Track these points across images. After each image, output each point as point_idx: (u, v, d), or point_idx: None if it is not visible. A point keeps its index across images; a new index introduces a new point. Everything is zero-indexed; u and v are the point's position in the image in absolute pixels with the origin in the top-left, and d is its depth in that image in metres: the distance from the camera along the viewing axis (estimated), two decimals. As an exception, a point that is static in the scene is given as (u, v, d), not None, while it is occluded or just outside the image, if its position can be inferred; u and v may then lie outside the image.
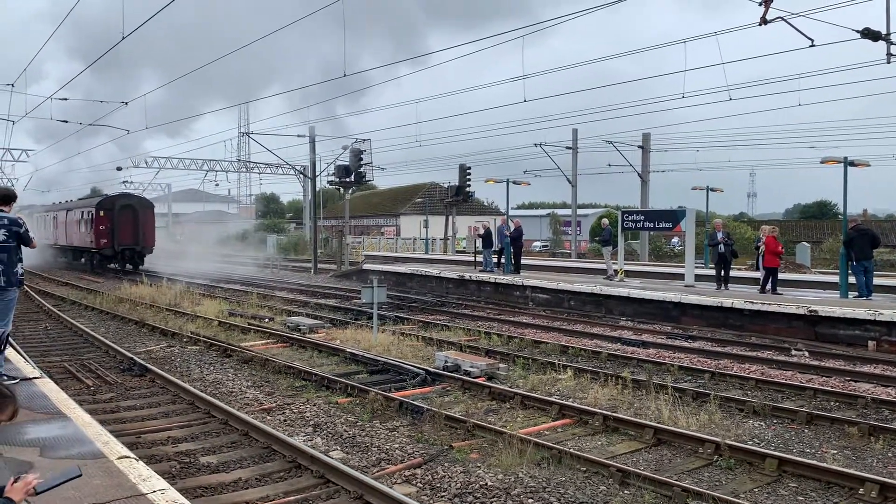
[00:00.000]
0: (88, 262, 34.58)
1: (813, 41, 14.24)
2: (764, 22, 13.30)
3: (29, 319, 16.96)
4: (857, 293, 15.60)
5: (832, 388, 10.00)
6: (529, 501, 5.98)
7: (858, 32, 13.85)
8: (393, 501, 5.59)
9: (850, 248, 15.88)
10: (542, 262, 31.42)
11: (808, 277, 21.81)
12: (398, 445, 7.47)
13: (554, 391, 9.91)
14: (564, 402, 9.00)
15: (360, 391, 9.44)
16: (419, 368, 10.67)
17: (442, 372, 10.71)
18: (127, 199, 34.74)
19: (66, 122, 30.24)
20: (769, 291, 16.54)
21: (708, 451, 7.11)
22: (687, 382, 10.41)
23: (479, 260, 25.22)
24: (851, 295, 15.84)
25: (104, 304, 20.03)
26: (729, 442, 7.14)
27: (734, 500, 5.85)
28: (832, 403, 9.33)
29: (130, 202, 34.21)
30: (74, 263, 37.08)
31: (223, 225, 64.09)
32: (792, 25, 13.83)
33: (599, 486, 6.36)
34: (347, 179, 33.96)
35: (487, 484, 6.30)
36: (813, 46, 14.32)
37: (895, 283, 19.14)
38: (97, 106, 29.41)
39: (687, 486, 6.10)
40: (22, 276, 7.07)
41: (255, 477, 6.42)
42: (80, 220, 34.86)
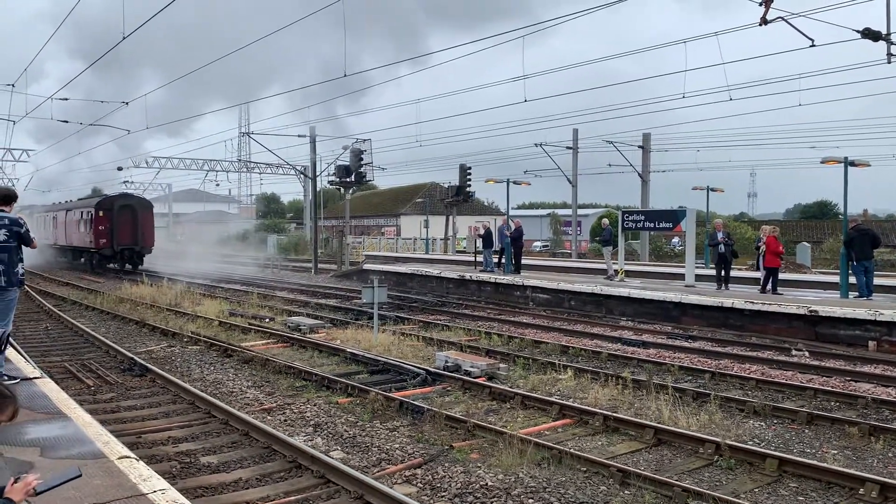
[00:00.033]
0: (88, 262, 34.61)
1: (813, 41, 14.24)
2: (764, 22, 13.29)
3: (29, 319, 16.97)
4: (857, 293, 15.59)
5: (832, 388, 10.00)
6: (530, 501, 5.98)
7: (859, 32, 13.85)
8: (393, 501, 5.60)
9: (850, 248, 15.88)
10: (542, 262, 31.41)
11: (808, 277, 21.80)
12: (398, 445, 7.47)
13: (554, 391, 9.91)
14: (565, 402, 9.00)
15: (360, 391, 9.44)
16: (419, 368, 10.67)
17: (442, 372, 10.71)
18: (126, 199, 34.79)
19: (66, 122, 30.27)
20: (769, 291, 16.53)
21: (708, 451, 7.11)
22: (687, 382, 10.41)
23: (479, 260, 25.22)
24: (852, 295, 15.83)
25: (105, 304, 20.04)
26: (729, 442, 7.14)
27: (734, 500, 5.85)
28: (832, 403, 9.32)
29: (130, 202, 34.26)
30: (75, 263, 37.10)
31: (223, 225, 64.12)
32: (792, 25, 13.83)
33: (600, 486, 6.36)
34: (348, 179, 33.96)
35: (488, 484, 6.30)
36: (813, 46, 14.32)
37: (895, 283, 19.12)
38: (98, 106, 29.43)
39: (687, 486, 6.10)
40: (22, 276, 7.06)
41: (255, 477, 6.42)
42: (79, 220, 34.90)
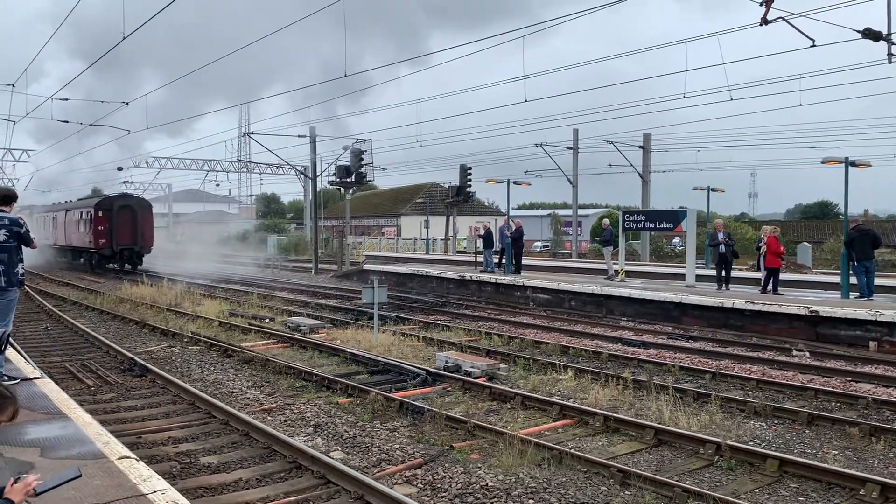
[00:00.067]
0: (87, 262, 34.65)
1: (814, 41, 14.23)
2: (765, 22, 13.29)
3: (29, 320, 16.97)
4: (858, 293, 15.58)
5: (833, 388, 9.99)
6: (530, 502, 5.98)
7: (859, 32, 13.85)
8: (393, 502, 5.59)
9: (851, 248, 15.87)
10: (542, 262, 31.40)
11: (809, 278, 21.79)
12: (399, 446, 7.47)
13: (555, 391, 9.90)
14: (565, 402, 8.99)
15: (360, 391, 9.44)
16: (420, 369, 10.67)
17: (442, 372, 10.70)
18: (125, 199, 34.85)
19: (66, 122, 30.29)
20: (770, 292, 16.52)
21: (709, 451, 7.10)
22: (688, 383, 10.40)
23: (479, 260, 25.21)
24: (852, 295, 15.82)
25: (105, 304, 20.04)
26: (730, 442, 7.14)
27: (735, 500, 5.84)
28: (833, 404, 9.32)
29: (129, 203, 34.31)
30: (74, 263, 37.14)
31: (223, 225, 64.15)
32: (793, 26, 13.82)
33: (600, 486, 6.35)
34: (348, 180, 33.97)
35: (488, 484, 6.30)
36: (814, 46, 14.32)
37: (896, 283, 19.12)
38: (98, 106, 29.45)
39: (688, 486, 6.09)
40: (23, 276, 7.05)
41: (255, 477, 6.42)
42: (79, 220, 34.94)
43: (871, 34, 13.75)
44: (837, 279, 17.97)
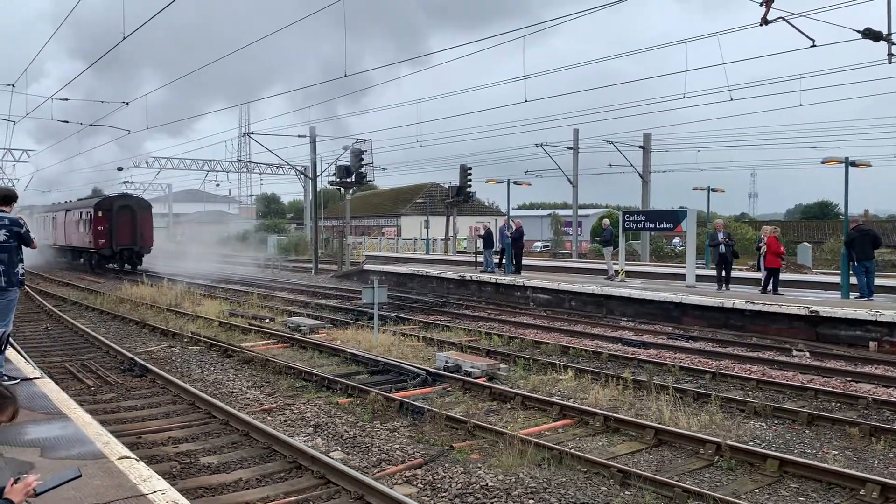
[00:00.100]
0: (87, 262, 34.70)
1: (814, 41, 14.24)
2: (765, 22, 13.29)
3: (29, 320, 16.97)
4: (858, 294, 15.57)
5: (833, 388, 9.99)
6: (530, 502, 5.98)
7: (859, 33, 13.85)
8: (393, 502, 5.59)
9: (851, 248, 15.86)
10: (542, 262, 31.40)
11: (809, 278, 21.78)
12: (399, 446, 7.47)
13: (555, 392, 9.90)
14: (565, 402, 8.99)
15: (360, 392, 9.43)
16: (420, 369, 10.66)
17: (442, 372, 10.70)
18: (125, 199, 34.91)
19: (66, 122, 30.30)
20: (770, 292, 16.52)
21: (709, 451, 7.10)
22: (688, 383, 10.40)
23: (479, 260, 25.21)
24: (853, 295, 15.82)
25: (105, 304, 20.04)
26: (730, 442, 7.13)
27: (735, 500, 5.84)
28: (833, 404, 9.31)
29: (128, 203, 34.37)
30: (74, 263, 37.18)
31: (223, 225, 64.15)
32: (793, 26, 13.83)
33: (600, 486, 6.35)
34: (348, 180, 33.97)
35: (488, 484, 6.29)
36: (814, 47, 14.32)
37: (896, 283, 19.12)
38: (98, 106, 29.46)
39: (688, 486, 6.09)
40: (23, 276, 7.05)
41: (255, 477, 6.42)
42: (78, 220, 34.99)
43: (871, 34, 13.75)
44: (837, 279, 17.96)
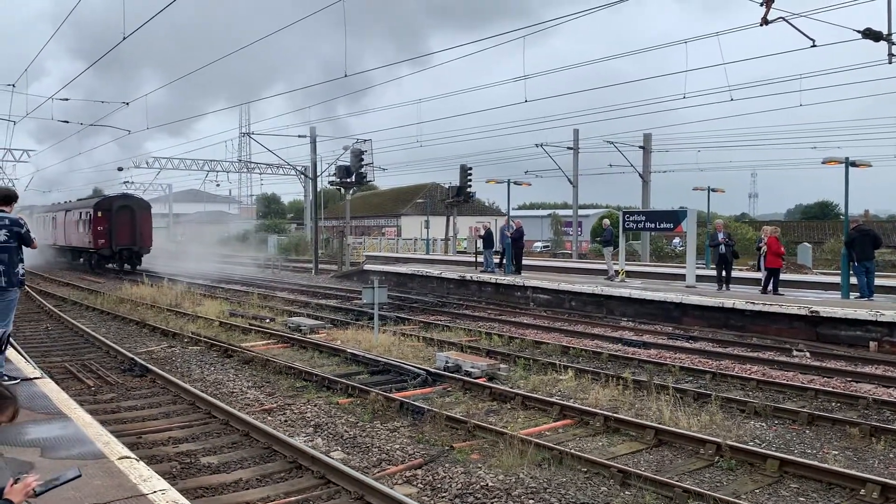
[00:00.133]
0: (87, 262, 34.78)
1: (814, 41, 14.24)
2: (765, 22, 13.29)
3: (30, 320, 16.97)
4: (858, 294, 15.57)
5: (833, 388, 9.99)
6: (530, 502, 5.98)
7: (860, 33, 13.85)
8: (393, 502, 5.59)
9: (851, 248, 15.86)
10: (543, 262, 31.40)
11: (809, 278, 21.78)
12: (399, 446, 7.47)
13: (555, 392, 9.90)
14: (565, 402, 8.99)
15: (360, 392, 9.43)
16: (420, 369, 10.66)
17: (443, 372, 10.70)
18: (124, 199, 35.01)
19: (66, 122, 30.32)
20: (770, 292, 16.52)
21: (709, 451, 7.10)
22: (688, 383, 10.40)
23: (479, 260, 25.21)
24: (853, 295, 15.81)
25: (105, 304, 20.04)
26: (730, 443, 7.13)
27: (735, 500, 5.84)
28: (833, 404, 9.31)
29: (128, 203, 34.46)
30: (74, 263, 37.24)
31: (223, 225, 64.17)
32: (793, 26, 13.83)
33: (600, 486, 6.35)
34: (348, 180, 33.97)
35: (488, 485, 6.29)
36: (814, 47, 14.32)
37: (896, 283, 19.11)
38: (98, 106, 29.48)
39: (688, 486, 6.09)
40: (23, 276, 7.05)
41: (255, 477, 6.42)
42: (78, 220, 35.06)
43: (871, 34, 13.75)
44: (838, 279, 17.96)
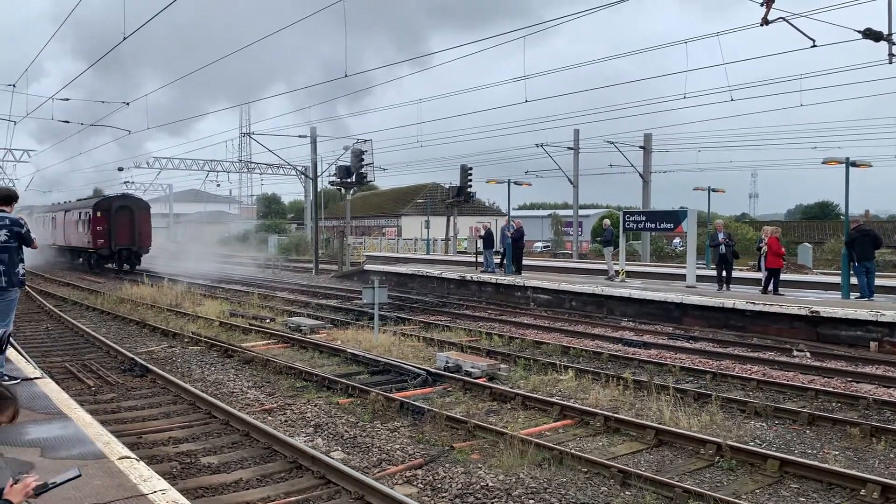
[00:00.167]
0: (86, 262, 34.87)
1: (815, 41, 14.24)
2: (766, 22, 13.28)
3: (30, 320, 16.97)
4: (858, 294, 15.57)
5: (834, 388, 9.99)
6: (531, 502, 5.97)
7: (860, 33, 13.84)
8: (394, 502, 5.59)
9: (851, 248, 15.86)
10: (543, 262, 31.39)
11: (809, 278, 21.77)
12: (399, 446, 7.46)
13: (555, 392, 9.89)
14: (566, 402, 8.99)
15: (361, 392, 9.43)
16: (420, 369, 10.66)
17: (443, 372, 10.70)
18: (124, 200, 35.12)
19: (67, 122, 30.35)
20: (771, 292, 16.51)
21: (709, 451, 7.10)
22: (688, 383, 10.40)
23: (480, 260, 25.21)
24: (853, 296, 15.81)
25: (105, 304, 20.04)
26: (730, 443, 7.13)
27: (735, 501, 5.84)
28: (834, 404, 9.31)
29: (127, 203, 34.54)
30: (74, 263, 37.30)
31: (223, 225, 64.19)
32: (793, 26, 13.83)
33: (601, 486, 6.35)
34: (349, 180, 33.99)
35: (488, 485, 6.29)
36: (815, 47, 14.32)
37: (897, 283, 19.09)
38: (99, 106, 29.51)
39: (688, 487, 6.09)
40: (23, 276, 7.05)
41: (255, 477, 6.42)
42: (77, 220, 35.14)
43: (871, 34, 13.75)
44: (838, 279, 17.95)
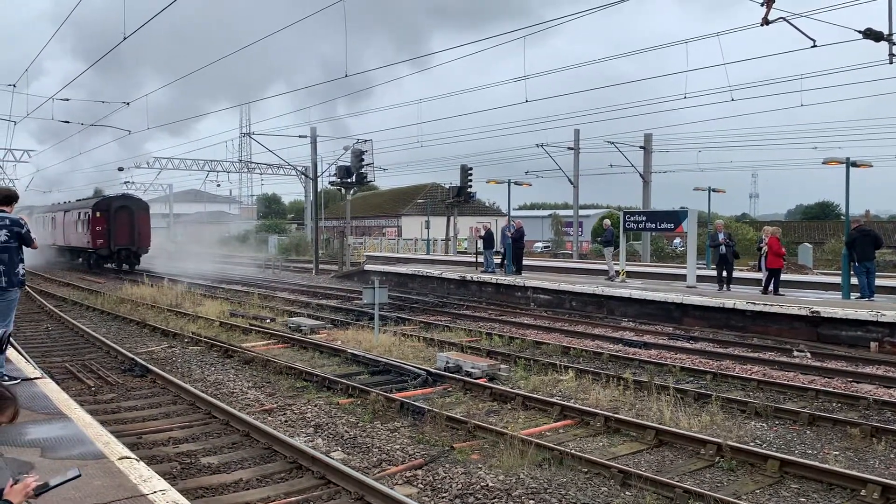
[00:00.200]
0: (86, 261, 34.95)
1: (815, 41, 14.23)
2: (766, 22, 13.28)
3: (30, 320, 16.97)
4: (859, 294, 15.56)
5: (834, 389, 9.98)
6: (531, 502, 5.97)
7: (860, 33, 13.84)
8: (394, 502, 5.59)
9: (852, 248, 15.85)
10: (543, 262, 31.39)
11: (810, 278, 21.76)
12: (399, 446, 7.46)
13: (555, 392, 9.89)
14: (566, 403, 8.98)
15: (361, 392, 9.43)
16: (420, 369, 10.66)
17: (443, 373, 10.69)
18: (123, 200, 35.24)
19: (67, 122, 30.36)
20: (771, 292, 16.51)
21: (710, 452, 7.09)
22: (689, 383, 10.39)
23: (480, 261, 25.21)
24: (853, 296, 15.80)
25: (105, 304, 20.04)
26: (731, 443, 7.13)
27: (736, 501, 5.84)
28: (834, 404, 9.31)
29: (126, 203, 34.65)
30: (74, 263, 37.35)
31: (223, 225, 64.21)
32: (794, 26, 13.82)
33: (601, 487, 6.34)
34: (349, 180, 34.01)
35: (489, 485, 6.29)
36: (815, 47, 14.32)
37: (897, 284, 19.08)
38: (99, 106, 29.52)
39: (688, 487, 6.09)
40: (23, 276, 7.05)
41: (255, 478, 6.41)
42: (77, 220, 35.23)
43: (872, 34, 13.74)
44: (838, 280, 17.95)
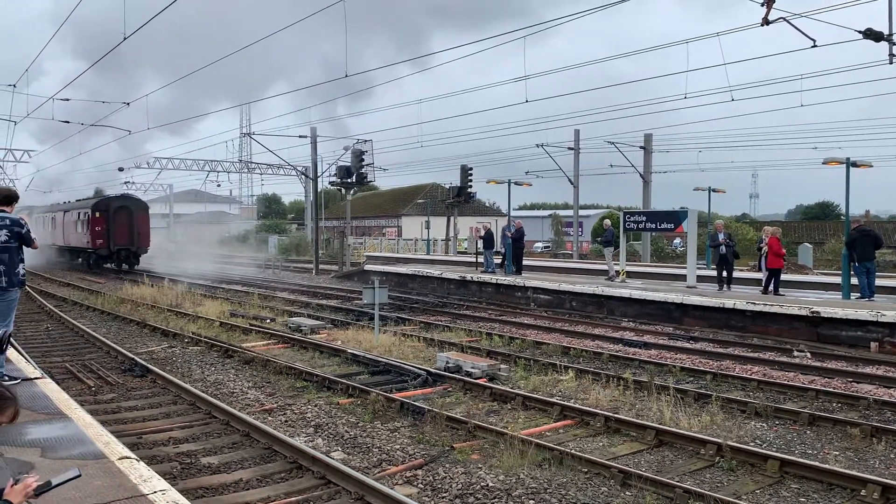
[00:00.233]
0: (85, 261, 35.00)
1: (815, 42, 14.23)
2: (766, 22, 13.28)
3: (30, 320, 16.98)
4: (859, 294, 15.56)
5: (834, 389, 9.98)
6: (531, 502, 5.97)
7: (861, 33, 13.84)
8: (394, 502, 5.59)
9: (852, 249, 15.85)
10: (543, 262, 31.38)
11: (810, 278, 21.76)
12: (399, 446, 7.46)
13: (555, 392, 9.89)
14: (566, 403, 8.98)
15: (361, 392, 9.43)
16: (420, 369, 10.66)
17: (443, 373, 10.70)
18: (122, 200, 35.32)
19: (67, 122, 30.37)
20: (771, 292, 16.51)
21: (710, 452, 7.09)
22: (689, 383, 10.39)
23: (480, 261, 25.21)
24: (854, 296, 15.80)
25: (105, 304, 20.05)
26: (731, 443, 7.13)
27: (736, 501, 5.84)
28: (834, 405, 9.31)
29: (125, 203, 34.73)
30: (74, 263, 37.39)
31: (223, 225, 64.23)
32: (794, 26, 13.82)
33: (601, 487, 6.35)
34: (349, 180, 34.01)
35: (489, 485, 6.29)
36: (815, 47, 14.31)
37: (897, 284, 19.07)
38: (99, 106, 29.53)
39: (689, 487, 6.09)
40: (23, 276, 7.05)
41: (256, 478, 6.41)
42: (76, 220, 35.28)
43: (872, 34, 13.74)
44: (838, 280, 17.95)
